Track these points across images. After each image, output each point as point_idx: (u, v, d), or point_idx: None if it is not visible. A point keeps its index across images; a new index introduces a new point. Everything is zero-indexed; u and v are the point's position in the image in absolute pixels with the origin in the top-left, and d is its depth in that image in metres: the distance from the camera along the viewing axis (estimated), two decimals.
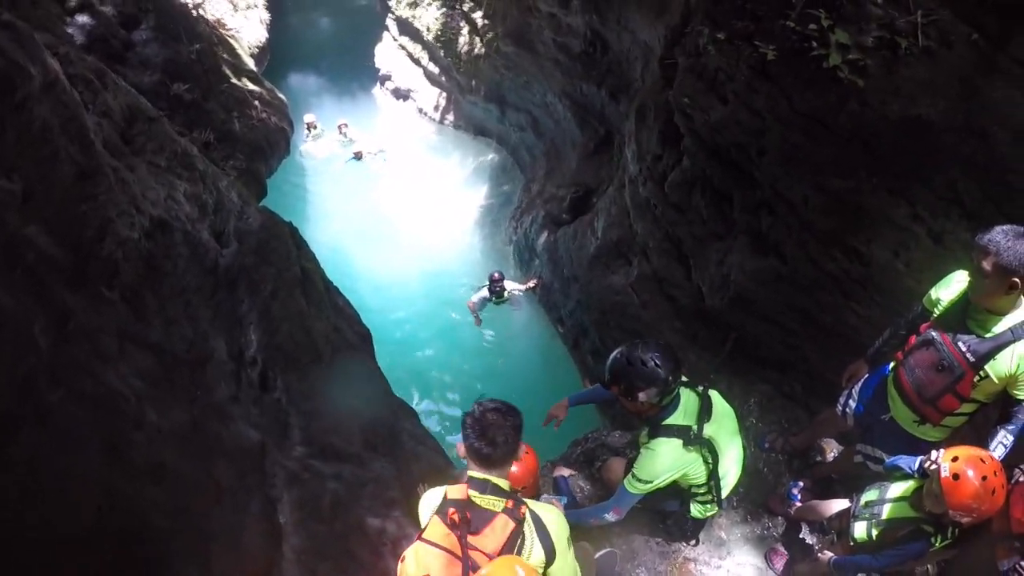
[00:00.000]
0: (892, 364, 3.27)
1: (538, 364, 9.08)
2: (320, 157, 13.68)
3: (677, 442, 2.92)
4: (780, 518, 4.26)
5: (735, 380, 5.16)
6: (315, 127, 13.77)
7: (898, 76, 3.66)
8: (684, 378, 2.98)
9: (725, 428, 3.09)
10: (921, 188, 3.86)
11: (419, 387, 8.68)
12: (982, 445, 2.81)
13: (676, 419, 2.94)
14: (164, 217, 2.86)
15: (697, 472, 3.05)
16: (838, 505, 3.63)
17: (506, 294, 8.62)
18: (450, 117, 14.42)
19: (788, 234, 4.67)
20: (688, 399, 3.01)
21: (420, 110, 15.10)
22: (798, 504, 4.13)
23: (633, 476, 3.04)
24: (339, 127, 13.69)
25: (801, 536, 4.09)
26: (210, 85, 7.46)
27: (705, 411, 2.98)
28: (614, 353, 2.89)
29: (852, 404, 3.50)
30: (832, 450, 4.53)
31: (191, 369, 2.69)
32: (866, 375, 3.51)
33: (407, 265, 11.16)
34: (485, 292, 8.62)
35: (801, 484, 4.24)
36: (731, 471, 3.18)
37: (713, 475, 3.07)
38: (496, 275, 8.56)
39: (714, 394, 3.11)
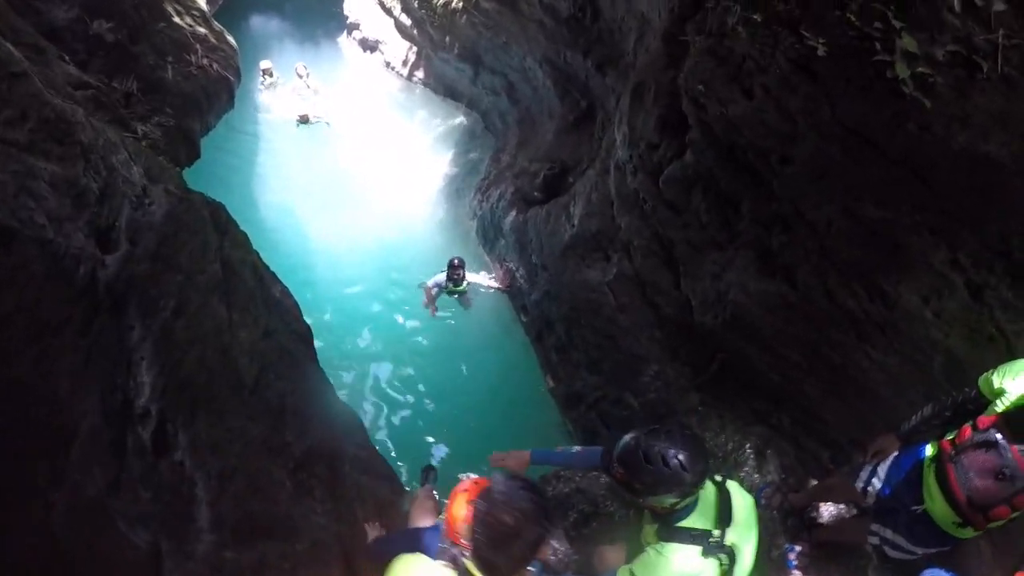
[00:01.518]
0: (932, 451, 2.83)
1: (499, 354, 8.38)
2: (275, 108, 12.51)
3: (695, 549, 2.37)
4: None
5: (728, 419, 4.60)
6: (271, 74, 12.60)
7: (970, 103, 3.01)
8: None
9: (746, 528, 2.51)
10: (969, 234, 3.31)
11: (367, 376, 7.89)
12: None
13: (694, 521, 2.38)
14: (8, 223, 2.01)
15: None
16: None
17: (464, 284, 7.66)
18: (419, 74, 13.30)
19: (804, 258, 4.06)
20: (704, 493, 2.41)
21: (387, 63, 13.92)
22: (796, 574, 3.66)
23: None
24: (296, 70, 12.48)
25: None
26: (142, 24, 6.34)
27: (725, 510, 2.41)
28: (627, 439, 2.31)
29: (877, 483, 3.05)
30: (828, 505, 4.05)
31: (46, 459, 1.89)
32: (896, 453, 3.05)
33: (363, 234, 10.24)
34: (442, 278, 7.60)
35: (799, 549, 3.76)
36: (744, 570, 2.63)
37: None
38: (456, 261, 7.50)
39: (732, 486, 2.52)
